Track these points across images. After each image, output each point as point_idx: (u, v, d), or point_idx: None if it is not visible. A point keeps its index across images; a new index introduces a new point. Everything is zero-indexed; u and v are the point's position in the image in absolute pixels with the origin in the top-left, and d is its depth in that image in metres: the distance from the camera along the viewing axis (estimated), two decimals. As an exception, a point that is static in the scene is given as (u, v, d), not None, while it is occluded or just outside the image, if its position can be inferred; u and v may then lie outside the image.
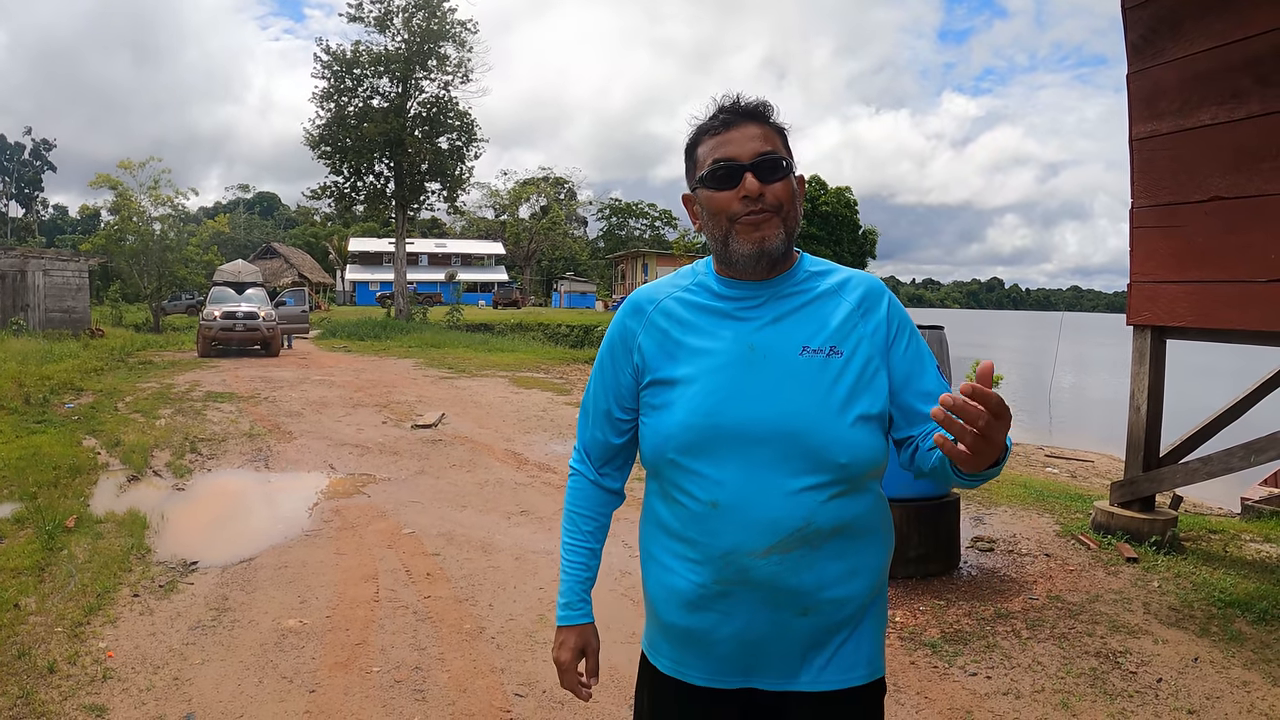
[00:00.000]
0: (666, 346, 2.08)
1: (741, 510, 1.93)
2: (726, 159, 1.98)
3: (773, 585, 1.95)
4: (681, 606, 2.05)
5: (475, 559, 6.79)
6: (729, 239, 1.99)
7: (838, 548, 1.96)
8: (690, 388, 2.00)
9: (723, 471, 1.94)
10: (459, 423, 13.68)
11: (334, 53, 42.26)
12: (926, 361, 2.08)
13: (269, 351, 26.41)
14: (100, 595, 5.72)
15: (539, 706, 4.48)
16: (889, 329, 2.03)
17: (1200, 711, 4.57)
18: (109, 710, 4.27)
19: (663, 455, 2.02)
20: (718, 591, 1.99)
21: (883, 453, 2.00)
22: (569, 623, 2.26)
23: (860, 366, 1.97)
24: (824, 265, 2.11)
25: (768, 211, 1.96)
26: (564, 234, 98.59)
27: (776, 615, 1.98)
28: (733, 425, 1.94)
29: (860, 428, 1.94)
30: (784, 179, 1.99)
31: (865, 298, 2.04)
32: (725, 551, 1.95)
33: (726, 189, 1.97)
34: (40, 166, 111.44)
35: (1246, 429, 7.42)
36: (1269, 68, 6.33)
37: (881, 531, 2.08)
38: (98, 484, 8.92)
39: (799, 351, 1.96)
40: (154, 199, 40.61)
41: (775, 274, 2.04)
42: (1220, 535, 7.75)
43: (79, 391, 15.78)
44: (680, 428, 1.98)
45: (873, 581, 2.05)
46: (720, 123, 2.03)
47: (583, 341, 37.62)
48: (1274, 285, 6.39)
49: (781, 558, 1.93)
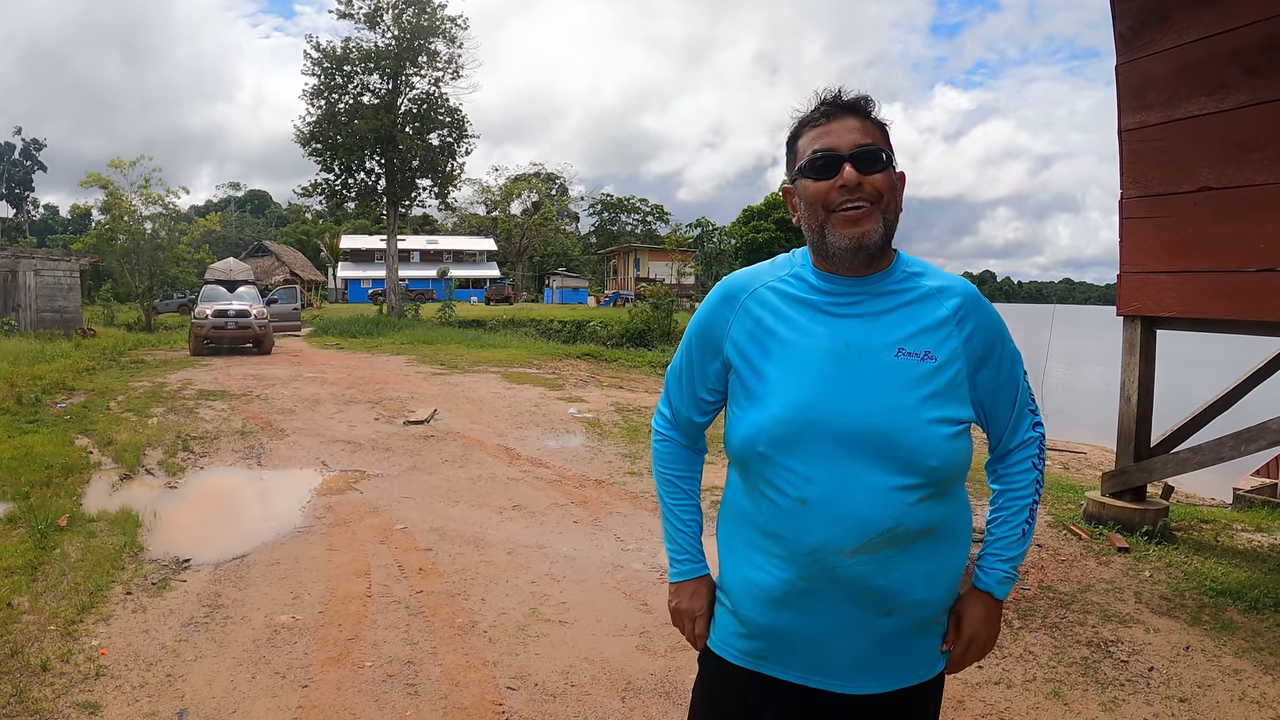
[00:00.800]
0: (759, 337, 2.08)
1: (831, 508, 1.94)
2: (826, 149, 1.99)
3: (859, 585, 1.96)
4: (764, 602, 2.07)
5: (468, 554, 6.79)
6: (825, 230, 2.00)
7: (923, 549, 1.99)
8: (784, 382, 2.01)
9: (813, 468, 1.95)
10: (451, 418, 13.67)
11: (324, 49, 42.15)
12: (1004, 393, 2.13)
13: (261, 349, 26.33)
14: (93, 593, 5.71)
15: (531, 699, 4.49)
16: (981, 347, 2.06)
17: (1192, 700, 4.60)
18: (102, 707, 4.27)
19: (753, 449, 2.02)
20: (803, 589, 2.00)
21: (969, 457, 2.02)
22: (696, 574, 2.34)
23: (951, 373, 1.99)
24: (922, 266, 2.11)
25: (866, 204, 1.97)
26: (556, 230, 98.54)
27: (861, 615, 1.99)
28: (826, 422, 1.94)
29: (949, 432, 1.96)
30: (883, 171, 1.99)
31: (963, 306, 2.04)
32: (813, 549, 1.96)
33: (825, 179, 1.99)
34: (30, 166, 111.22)
35: (1237, 419, 7.43)
36: (1257, 58, 6.35)
37: (964, 534, 2.12)
38: (90, 483, 8.89)
39: (894, 352, 1.97)
40: (145, 198, 40.54)
41: (873, 270, 2.04)
42: (1212, 525, 7.79)
43: (71, 391, 15.72)
44: (773, 421, 1.99)
45: (953, 584, 2.09)
46: (821, 114, 2.05)
47: (575, 337, 37.53)
48: (1263, 275, 6.41)
49: (870, 557, 1.94)
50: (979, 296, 2.07)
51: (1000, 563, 2.15)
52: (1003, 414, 2.13)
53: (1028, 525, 2.15)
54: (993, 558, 2.16)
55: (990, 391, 2.08)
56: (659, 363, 26.18)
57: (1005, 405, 2.12)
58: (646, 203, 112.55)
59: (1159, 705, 4.54)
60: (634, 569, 6.54)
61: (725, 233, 56.41)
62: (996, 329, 2.07)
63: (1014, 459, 2.17)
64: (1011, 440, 2.16)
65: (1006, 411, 2.13)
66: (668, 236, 54.25)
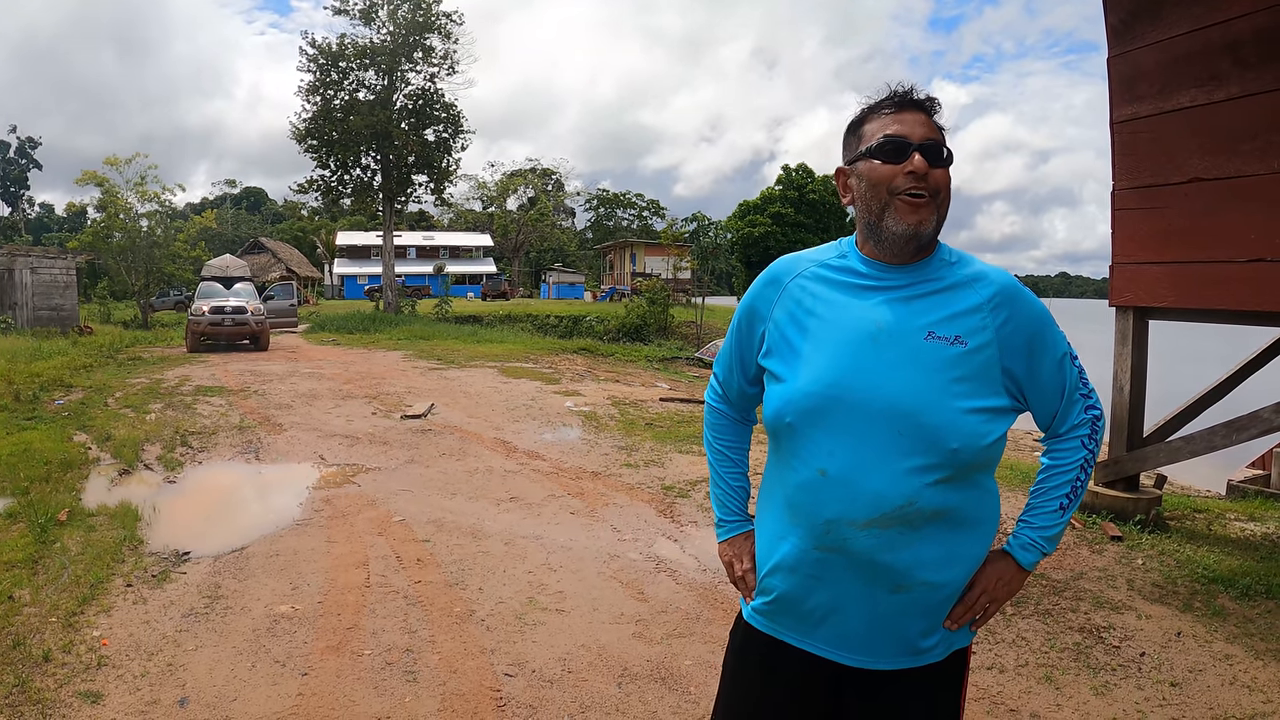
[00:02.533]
0: (798, 316, 2.16)
1: (848, 481, 2.00)
2: (898, 135, 2.05)
3: (868, 559, 2.01)
4: (782, 569, 2.15)
5: (465, 545, 6.83)
6: (885, 213, 2.05)
7: (937, 532, 2.02)
8: (816, 357, 2.08)
9: (836, 441, 2.02)
10: (448, 413, 13.70)
11: (319, 46, 42.05)
12: (1049, 381, 2.14)
13: (258, 346, 26.31)
14: (94, 586, 5.74)
15: (528, 685, 4.54)
16: (1018, 335, 2.07)
17: (1183, 684, 4.64)
18: (104, 696, 4.31)
19: (781, 419, 2.10)
20: (816, 558, 2.07)
21: (996, 445, 2.03)
22: (741, 530, 2.45)
23: (982, 359, 2.02)
24: (959, 255, 2.15)
25: (927, 195, 2.02)
26: (552, 225, 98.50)
27: (868, 589, 2.04)
28: (852, 397, 2.00)
29: (974, 417, 1.99)
30: (944, 168, 2.06)
31: (998, 294, 2.06)
32: (828, 520, 2.03)
33: (894, 163, 2.04)
34: (26, 164, 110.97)
35: (1230, 409, 7.48)
36: (1248, 50, 6.39)
37: (985, 525, 2.13)
38: (89, 478, 8.91)
39: (924, 335, 2.02)
40: (141, 195, 40.46)
41: (918, 259, 2.10)
42: (1205, 514, 7.82)
43: (69, 388, 15.73)
44: (801, 394, 2.06)
45: (969, 571, 2.11)
46: (893, 104, 2.11)
47: (571, 332, 37.53)
48: (1253, 265, 6.46)
49: (880, 532, 1.99)
50: (1017, 286, 2.10)
51: (1030, 530, 2.18)
52: (1049, 401, 2.15)
53: (1067, 500, 2.17)
54: (1024, 524, 2.19)
55: (1031, 380, 2.10)
56: (655, 357, 26.25)
57: (1051, 393, 2.14)
58: (643, 198, 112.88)
59: (1150, 690, 4.58)
60: (630, 559, 6.59)
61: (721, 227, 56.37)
62: (1036, 318, 2.09)
63: (1064, 438, 2.20)
64: (1062, 425, 2.18)
65: (1054, 399, 2.15)
66: (664, 231, 54.31)
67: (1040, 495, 2.20)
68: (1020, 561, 2.17)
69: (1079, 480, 2.18)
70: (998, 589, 2.14)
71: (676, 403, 15.58)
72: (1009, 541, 2.20)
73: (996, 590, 2.14)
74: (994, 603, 2.15)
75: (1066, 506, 2.17)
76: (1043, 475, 2.21)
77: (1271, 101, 6.30)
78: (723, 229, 56.34)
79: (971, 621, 2.15)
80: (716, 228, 55.05)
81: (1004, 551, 2.19)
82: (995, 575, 2.14)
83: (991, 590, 2.14)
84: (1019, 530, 2.20)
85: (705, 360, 26.00)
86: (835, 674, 2.12)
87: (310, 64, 42.09)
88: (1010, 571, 2.16)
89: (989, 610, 2.16)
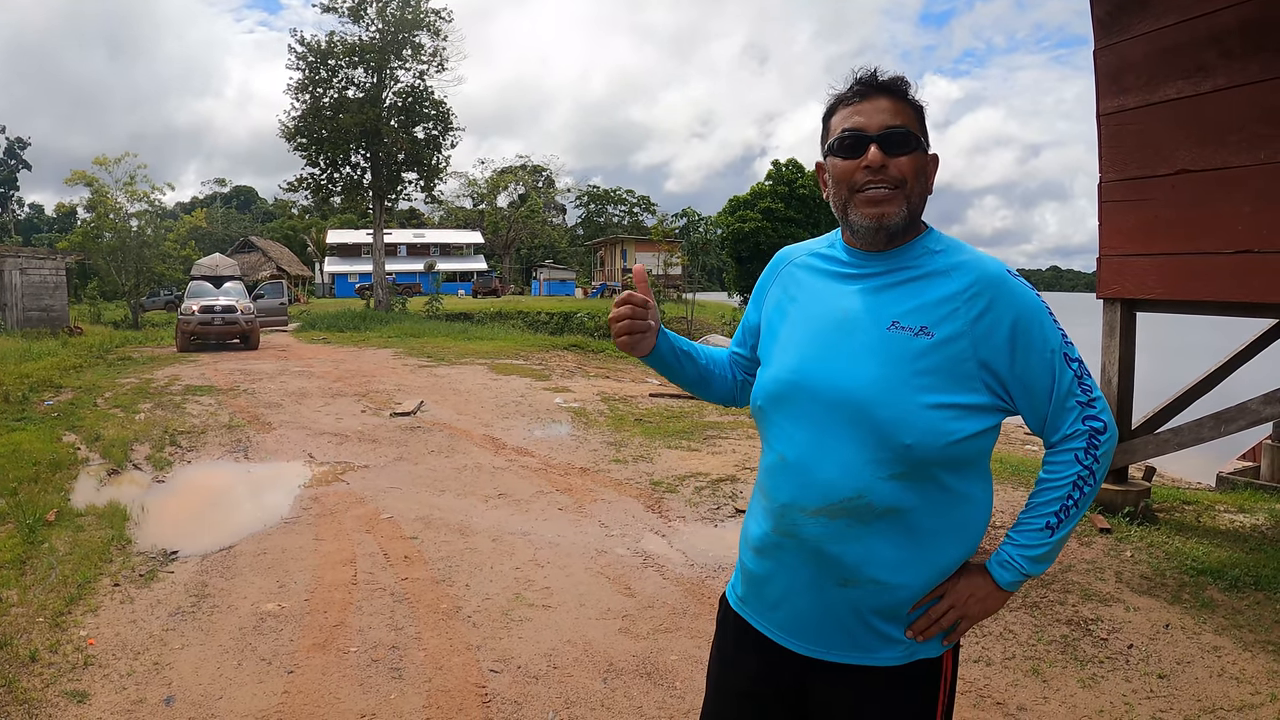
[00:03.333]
0: (783, 303, 2.20)
1: (802, 468, 2.00)
2: (854, 129, 2.02)
3: (815, 547, 1.99)
4: (751, 550, 2.17)
5: (453, 541, 6.83)
6: (848, 209, 2.04)
7: (890, 531, 1.95)
8: (789, 344, 2.11)
9: (796, 427, 2.03)
10: (438, 410, 13.68)
11: (308, 44, 41.90)
12: (1036, 381, 1.99)
13: (248, 345, 26.23)
14: (81, 585, 5.73)
15: (514, 681, 4.53)
16: (998, 328, 1.95)
17: (1171, 676, 4.65)
18: (90, 695, 4.31)
19: (755, 403, 2.16)
20: (774, 542, 2.08)
21: (964, 444, 1.93)
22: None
23: (951, 353, 1.93)
24: (946, 244, 2.06)
25: (888, 187, 1.98)
26: (542, 222, 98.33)
27: (816, 578, 2.02)
28: (812, 386, 2.00)
29: (936, 413, 1.90)
30: (911, 154, 2.00)
31: (976, 284, 1.96)
32: (783, 504, 2.04)
33: (851, 158, 2.01)
34: (15, 165, 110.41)
35: (1218, 402, 7.48)
36: (1234, 42, 6.40)
37: (957, 533, 2.01)
38: (78, 478, 8.89)
39: (888, 325, 1.97)
40: (130, 195, 40.36)
41: (894, 246, 2.06)
42: (1194, 506, 7.84)
43: (58, 389, 15.67)
44: (771, 380, 2.10)
45: (932, 578, 2.00)
46: (855, 93, 2.07)
47: (562, 328, 37.53)
48: (1240, 256, 6.47)
49: (829, 522, 1.96)
50: (1003, 275, 1.99)
51: (1011, 546, 2.03)
52: (1038, 404, 2.00)
53: (1055, 519, 1.99)
54: (1007, 540, 2.04)
55: (1015, 378, 1.97)
56: (646, 353, 26.16)
57: (1038, 395, 1.99)
58: (633, 194, 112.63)
59: (1138, 682, 4.59)
60: (618, 554, 6.58)
61: (711, 223, 56.36)
62: (1022, 309, 1.96)
63: (1058, 450, 2.03)
64: (1053, 434, 2.02)
65: (1042, 401, 1.99)
66: (654, 228, 54.27)
67: (1029, 510, 2.04)
68: (996, 579, 2.03)
69: (1071, 500, 2.00)
70: (969, 605, 2.02)
71: (666, 398, 15.57)
72: (992, 555, 2.07)
73: (968, 606, 2.02)
74: (966, 619, 2.03)
75: (1055, 527, 2.00)
76: (1036, 487, 2.06)
77: (1258, 93, 6.31)
78: (713, 225, 56.26)
79: (942, 635, 2.04)
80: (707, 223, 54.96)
81: (981, 565, 2.06)
82: (968, 590, 2.02)
83: (962, 605, 2.01)
84: (1002, 545, 2.06)
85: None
86: (799, 661, 2.09)
87: (299, 62, 41.97)
88: (985, 588, 2.03)
89: (959, 627, 2.04)
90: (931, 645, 2.05)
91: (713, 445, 10.94)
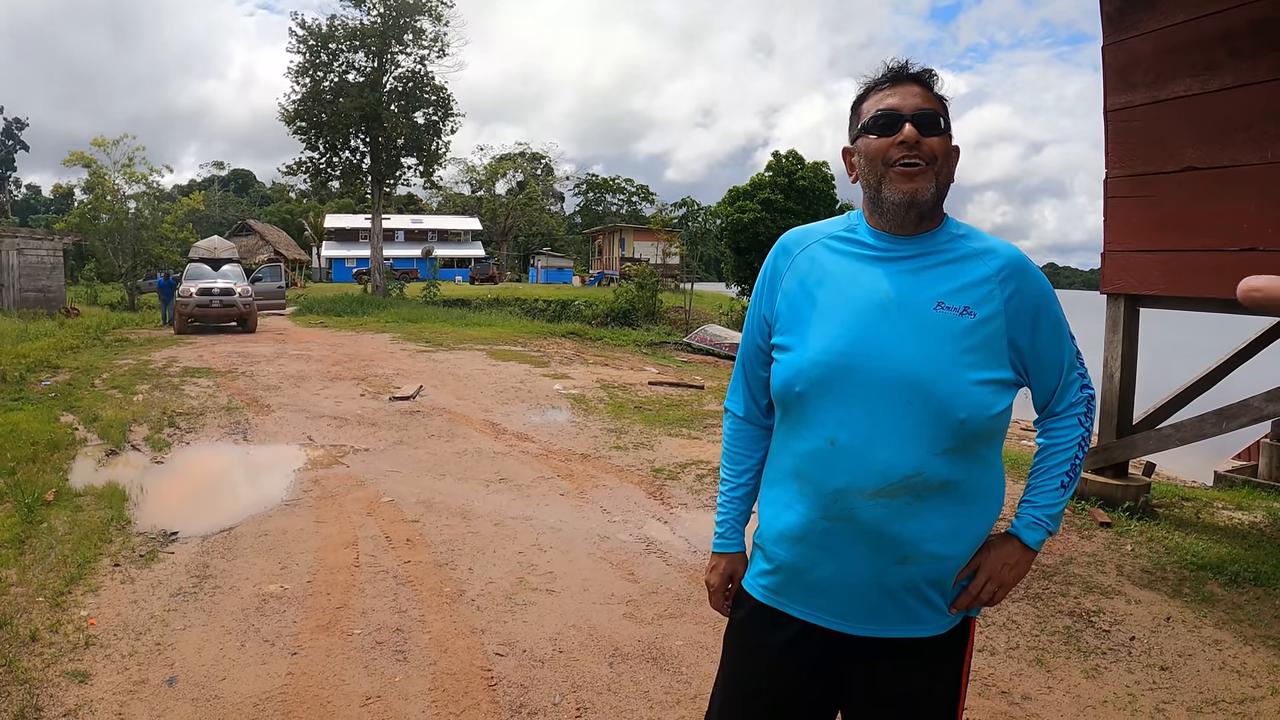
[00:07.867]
0: (808, 286, 2.18)
1: (857, 451, 2.02)
2: (889, 109, 2.09)
3: (875, 529, 2.02)
4: (788, 539, 2.16)
5: (454, 525, 6.83)
6: (882, 185, 2.09)
7: (943, 504, 2.04)
8: (826, 326, 2.10)
9: (846, 410, 2.04)
10: (437, 395, 13.66)
11: (309, 27, 41.74)
12: (1050, 357, 2.16)
13: (246, 328, 26.20)
14: (81, 565, 5.72)
15: (519, 665, 4.53)
16: (1024, 309, 2.09)
17: (1172, 668, 4.68)
18: (91, 676, 4.30)
19: (791, 388, 2.12)
20: (823, 528, 2.08)
21: (1001, 417, 2.06)
22: (722, 550, 2.47)
23: (990, 331, 2.04)
24: (968, 229, 2.17)
25: (922, 163, 2.05)
26: (541, 209, 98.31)
27: (874, 560, 2.05)
28: (863, 367, 2.02)
29: (982, 389, 2.01)
30: (940, 136, 2.08)
31: (1006, 267, 2.09)
32: (836, 489, 2.04)
33: (886, 136, 2.08)
34: (13, 146, 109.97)
35: (1219, 398, 7.49)
36: (1242, 40, 6.40)
37: (991, 499, 2.14)
38: (76, 459, 8.87)
39: (934, 306, 2.04)
40: (128, 177, 40.36)
41: (922, 229, 2.12)
42: (1193, 503, 7.87)
43: (55, 369, 15.64)
44: (811, 363, 2.08)
45: (974, 545, 2.12)
46: (887, 80, 2.17)
47: (560, 316, 37.51)
48: (1245, 254, 6.47)
49: (889, 502, 2.01)
50: (1025, 261, 2.12)
51: (1033, 509, 2.19)
52: (1049, 377, 2.18)
53: (1067, 478, 2.19)
54: (1026, 504, 2.21)
55: (1034, 354, 2.13)
56: (644, 341, 26.25)
57: (1051, 369, 2.17)
58: (632, 183, 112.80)
59: (1140, 673, 4.61)
60: (620, 540, 6.59)
61: (710, 213, 56.18)
62: (1041, 293, 2.12)
63: (1061, 417, 2.23)
64: (1060, 403, 2.22)
65: (1053, 375, 2.18)
66: (653, 217, 54.09)
67: (1040, 475, 2.22)
68: (1026, 541, 2.17)
69: (1077, 459, 2.21)
70: (1004, 573, 2.14)
71: (665, 386, 15.58)
72: (1013, 523, 2.21)
73: (1003, 574, 2.14)
74: (1002, 587, 2.15)
75: (1067, 484, 2.19)
76: (1041, 455, 2.24)
77: (1266, 91, 6.31)
78: (712, 214, 56.08)
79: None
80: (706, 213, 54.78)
81: (1008, 534, 2.19)
82: (1001, 559, 2.14)
83: (998, 575, 2.14)
84: (1022, 510, 2.21)
85: (694, 345, 26.00)
86: (836, 642, 2.13)
87: (300, 45, 41.80)
88: (1017, 553, 2.17)
89: (997, 595, 2.16)
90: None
91: (713, 433, 10.94)
